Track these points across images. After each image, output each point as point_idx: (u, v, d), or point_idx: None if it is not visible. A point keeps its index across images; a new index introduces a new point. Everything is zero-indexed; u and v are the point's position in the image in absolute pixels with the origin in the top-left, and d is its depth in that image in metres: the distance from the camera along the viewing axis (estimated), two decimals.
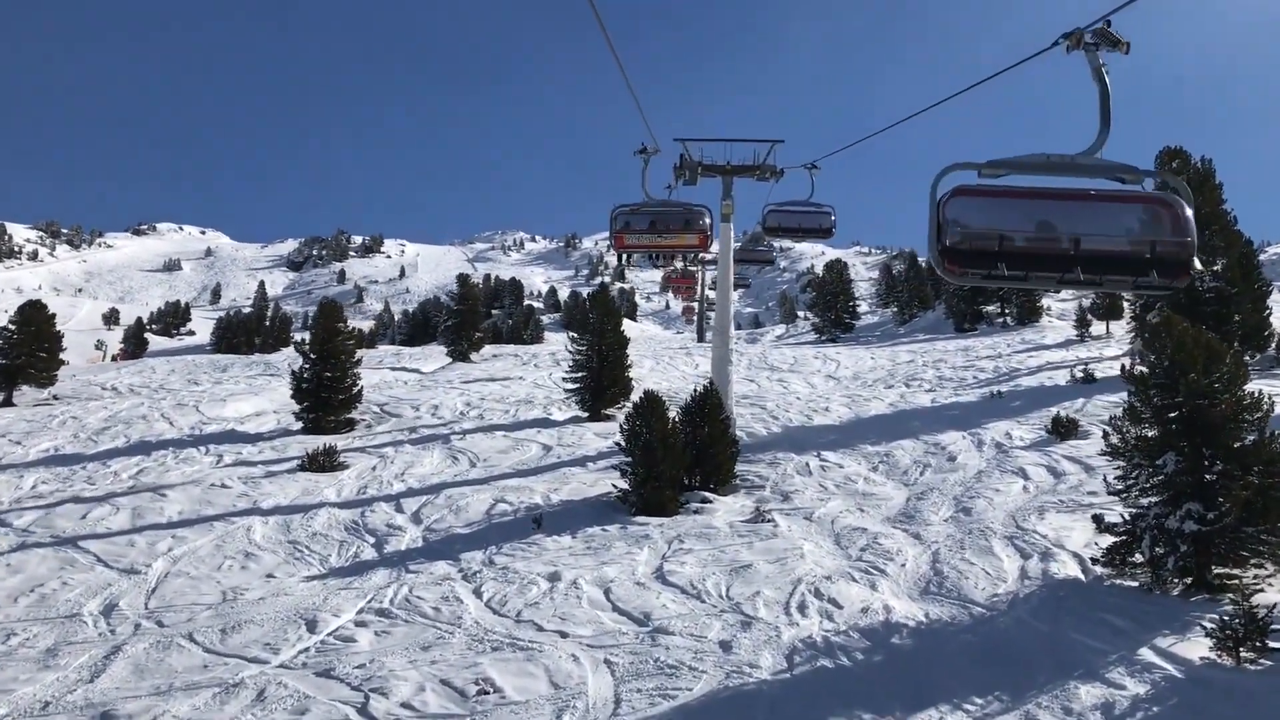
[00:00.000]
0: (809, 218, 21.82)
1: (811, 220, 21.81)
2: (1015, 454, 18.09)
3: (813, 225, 21.84)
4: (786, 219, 21.79)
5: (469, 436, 22.01)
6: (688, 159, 20.77)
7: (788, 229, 21.92)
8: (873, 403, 24.81)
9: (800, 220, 21.81)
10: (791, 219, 21.81)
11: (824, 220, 21.75)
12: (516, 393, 29.27)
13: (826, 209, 21.75)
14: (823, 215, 21.76)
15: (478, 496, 16.87)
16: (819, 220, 21.76)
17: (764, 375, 34.90)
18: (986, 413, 22.06)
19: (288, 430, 24.27)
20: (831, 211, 21.73)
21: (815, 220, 21.79)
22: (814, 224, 21.82)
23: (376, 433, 23.42)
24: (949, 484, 16.70)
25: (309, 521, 15.93)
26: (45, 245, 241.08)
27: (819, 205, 21.84)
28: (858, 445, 19.70)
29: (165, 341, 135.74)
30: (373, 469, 19.25)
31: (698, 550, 13.63)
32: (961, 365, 32.65)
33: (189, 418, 26.20)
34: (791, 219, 21.81)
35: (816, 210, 21.81)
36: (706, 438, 16.79)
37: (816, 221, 21.78)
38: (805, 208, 21.81)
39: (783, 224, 21.81)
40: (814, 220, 21.80)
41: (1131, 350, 29.95)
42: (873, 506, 15.83)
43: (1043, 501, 15.25)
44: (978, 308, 47.59)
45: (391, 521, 15.83)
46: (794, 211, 21.82)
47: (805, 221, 21.82)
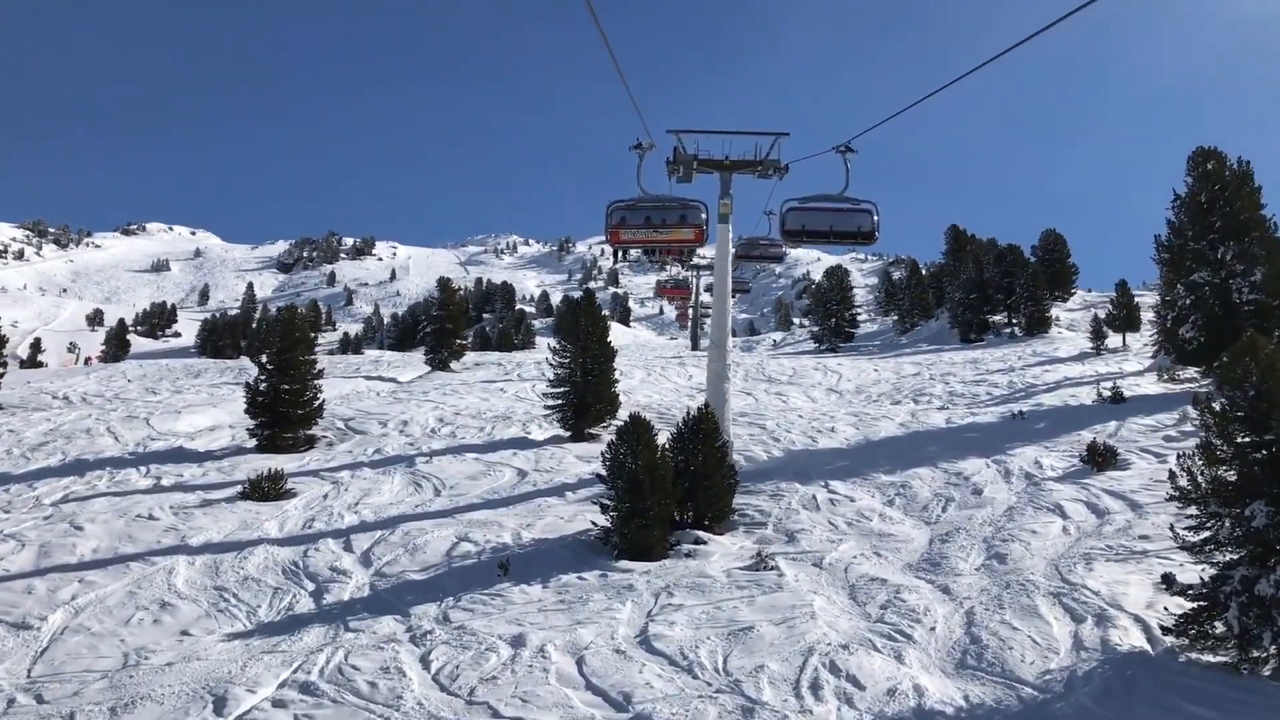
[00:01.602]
0: (844, 217, 17.00)
1: (847, 221, 16.99)
2: (1048, 486, 16.05)
3: (849, 228, 17.11)
4: (814, 219, 17.12)
5: (436, 459, 19.86)
6: (681, 153, 18.69)
7: (815, 232, 17.22)
8: (882, 422, 22.76)
9: (832, 221, 17.00)
10: (820, 219, 16.99)
11: (863, 221, 17.08)
12: (495, 406, 27.14)
13: (866, 206, 17.18)
14: (861, 214, 17.12)
15: (439, 533, 14.76)
16: (857, 221, 17.06)
17: (761, 388, 32.86)
18: (1009, 435, 20.03)
19: (241, 448, 22.14)
20: (873, 209, 17.14)
21: (852, 221, 17.05)
22: (850, 225, 17.09)
23: (336, 452, 21.28)
24: (976, 523, 14.66)
25: (242, 562, 13.84)
26: (32, 245, 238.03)
27: (856, 201, 17.25)
28: (869, 473, 17.64)
29: (150, 343, 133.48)
30: (323, 497, 17.13)
31: (690, 606, 11.57)
32: (972, 379, 30.66)
33: (137, 432, 24.04)
34: (820, 219, 16.99)
35: (854, 208, 17.21)
36: (701, 467, 14.72)
37: (854, 223, 17.06)
38: (838, 205, 17.23)
39: (808, 225, 17.15)
40: (850, 221, 17.02)
41: (1156, 365, 27.99)
42: (891, 550, 13.77)
43: (1088, 547, 13.21)
44: (984, 317, 45.65)
45: (337, 563, 13.73)
46: (824, 209, 17.14)
47: (839, 223, 17.01)
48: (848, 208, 17.34)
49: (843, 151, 17.56)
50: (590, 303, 22.96)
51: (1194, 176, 23.67)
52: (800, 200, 17.48)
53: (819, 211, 17.33)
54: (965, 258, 49.85)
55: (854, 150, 17.52)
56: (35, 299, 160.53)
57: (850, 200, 17.37)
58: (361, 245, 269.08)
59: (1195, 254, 23.05)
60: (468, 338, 43.81)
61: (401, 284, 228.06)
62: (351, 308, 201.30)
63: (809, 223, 17.21)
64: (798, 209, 17.42)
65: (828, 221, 17.17)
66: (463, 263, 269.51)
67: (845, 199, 17.41)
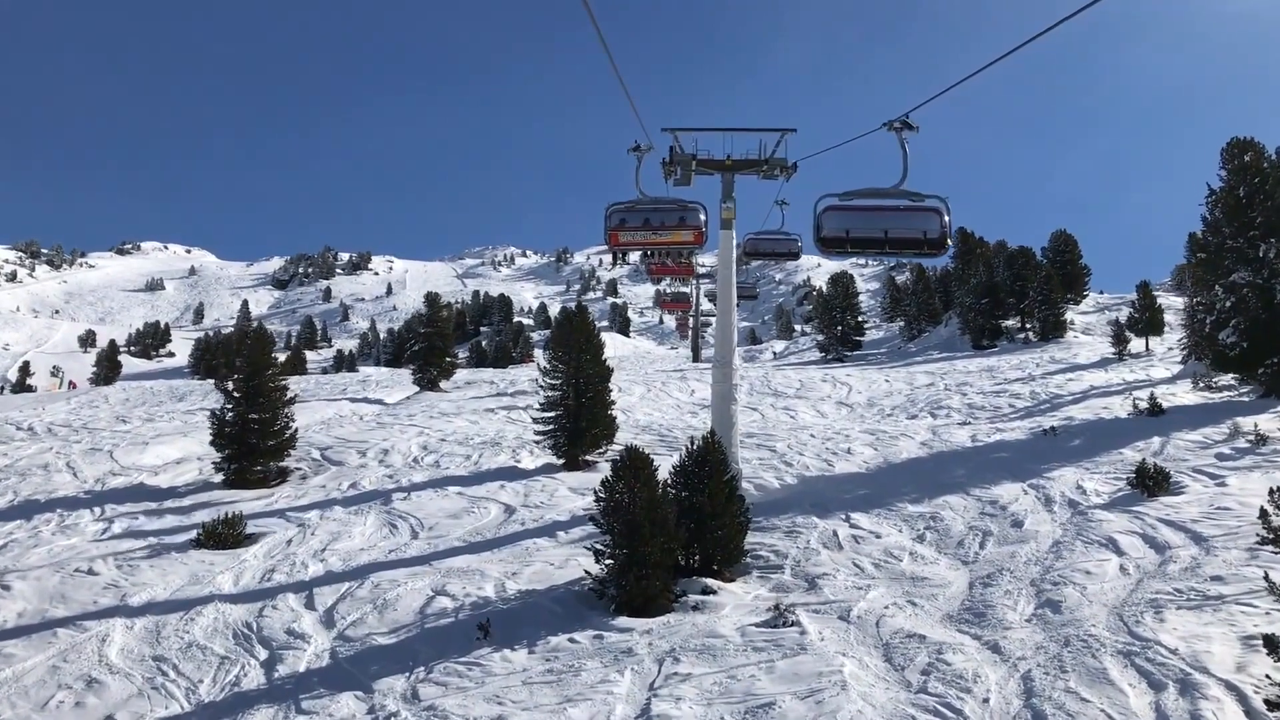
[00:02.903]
0: (903, 220, 12.83)
1: (908, 224, 12.79)
2: (1096, 516, 14.33)
3: (910, 233, 12.92)
4: (863, 223, 12.93)
5: (416, 495, 18.14)
6: (679, 152, 17.11)
7: (865, 240, 13.01)
8: (901, 441, 21.03)
9: (888, 224, 12.78)
10: (872, 223, 12.75)
11: (930, 224, 12.90)
12: (484, 430, 25.43)
13: (932, 203, 12.94)
14: (927, 215, 12.94)
15: (412, 585, 13.05)
16: (921, 224, 12.91)
17: (768, 402, 31.19)
18: (1042, 455, 18.32)
19: (207, 483, 20.45)
20: (942, 207, 12.97)
21: (914, 224, 12.88)
22: (911, 230, 12.92)
23: (308, 487, 19.55)
24: (1020, 561, 12.94)
25: (188, 625, 12.15)
26: (24, 266, 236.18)
27: (918, 197, 12.94)
28: (893, 503, 15.93)
29: (144, 364, 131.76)
30: (287, 543, 15.41)
31: (698, 675, 9.87)
32: (991, 390, 28.96)
33: (98, 467, 22.34)
34: (872, 223, 12.75)
35: (916, 206, 13.01)
36: (708, 505, 13.02)
37: (916, 226, 12.93)
38: (895, 202, 13.07)
39: (856, 231, 12.97)
40: (912, 224, 12.84)
41: (1188, 371, 26.31)
42: (926, 596, 12.06)
43: (1153, 592, 11.48)
44: (996, 322, 43.95)
45: (295, 625, 12.03)
46: (876, 209, 12.97)
47: (897, 226, 12.79)
48: (908, 206, 12.79)
49: (898, 129, 13.10)
50: (583, 317, 21.25)
51: (1229, 169, 22.03)
52: (842, 197, 12.83)
53: (870, 212, 12.78)
54: (974, 261, 48.15)
55: (914, 127, 13.04)
56: (27, 321, 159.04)
57: (910, 195, 12.87)
58: (358, 260, 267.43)
59: (1234, 252, 21.39)
60: (457, 356, 42.04)
61: (398, 298, 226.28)
62: (348, 323, 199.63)
63: (857, 227, 12.71)
64: (839, 209, 12.79)
65: (881, 225, 12.67)
66: (460, 275, 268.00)
67: (903, 194, 12.89)
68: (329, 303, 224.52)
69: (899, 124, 13.24)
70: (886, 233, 12.91)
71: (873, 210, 13.09)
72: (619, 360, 72.71)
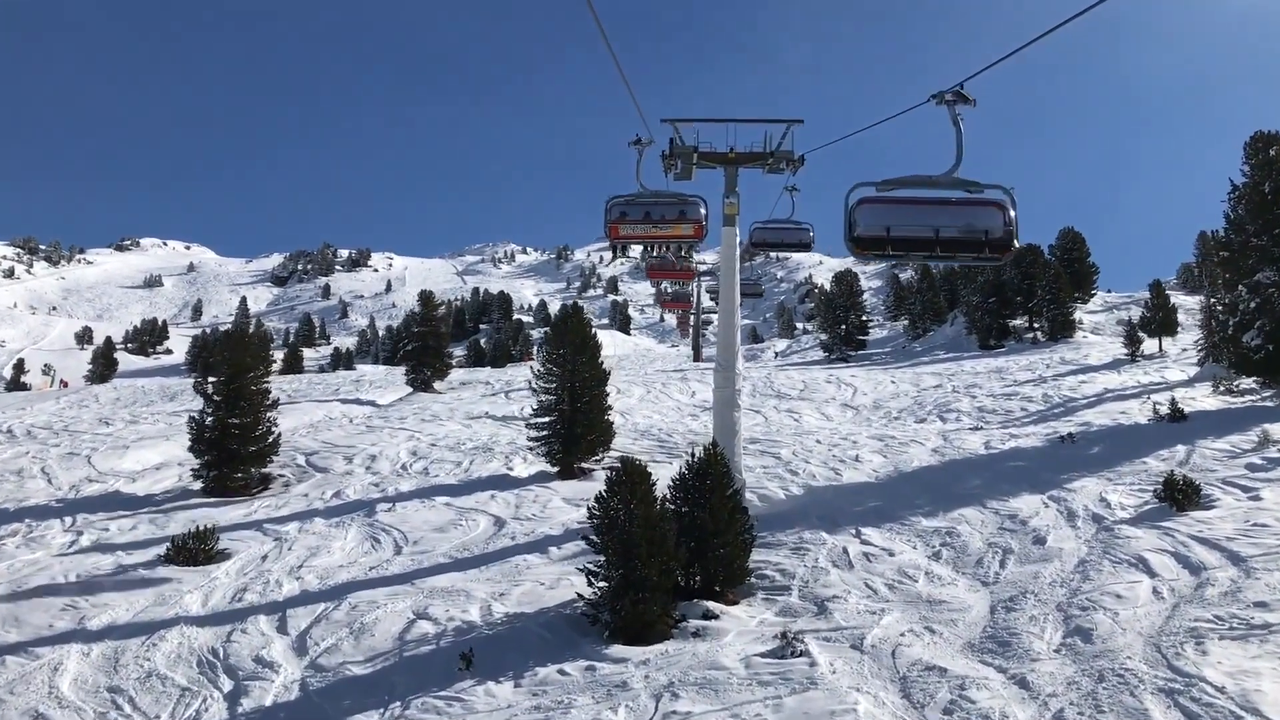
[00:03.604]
0: (958, 215, 10.40)
1: (965, 220, 10.40)
2: (1123, 533, 13.42)
3: (967, 232, 10.57)
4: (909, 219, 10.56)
5: (401, 505, 17.23)
6: (679, 145, 16.29)
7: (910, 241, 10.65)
8: (911, 448, 20.14)
9: (940, 220, 10.35)
10: (920, 219, 10.36)
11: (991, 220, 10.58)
12: (477, 435, 24.53)
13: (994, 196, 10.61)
14: (987, 210, 10.58)
15: (393, 606, 12.17)
16: (981, 220, 10.53)
17: (770, 404, 30.31)
18: (1060, 464, 17.43)
19: (186, 490, 19.60)
20: (1006, 201, 10.67)
21: (972, 220, 10.50)
22: (970, 228, 10.57)
23: (289, 496, 18.66)
24: (1044, 582, 12.05)
25: (149, 651, 11.28)
26: (22, 262, 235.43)
27: (975, 187, 10.55)
28: (906, 516, 15.04)
29: (141, 361, 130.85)
30: (262, 559, 14.53)
31: (699, 714, 9.00)
32: (1001, 392, 28.08)
33: (75, 472, 21.49)
34: (920, 219, 10.36)
35: (973, 200, 10.62)
36: (710, 521, 12.14)
37: (976, 223, 10.60)
38: (946, 194, 10.61)
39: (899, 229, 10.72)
40: (969, 220, 10.46)
41: (1207, 374, 25.43)
42: (945, 622, 11.17)
43: (1192, 619, 10.57)
44: (1003, 322, 43.06)
45: (264, 651, 11.15)
46: (924, 203, 10.59)
47: (951, 223, 10.35)
48: (963, 198, 10.33)
49: (950, 102, 10.50)
50: (578, 318, 20.34)
51: (1252, 165, 21.13)
52: (880, 186, 10.36)
53: (916, 206, 10.29)
54: None
55: (970, 100, 10.48)
56: (24, 317, 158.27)
57: (966, 185, 10.40)
58: (357, 257, 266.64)
59: (1259, 251, 20.48)
60: (453, 357, 41.15)
61: (397, 295, 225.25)
62: (346, 321, 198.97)
63: (900, 224, 10.24)
64: (877, 201, 10.32)
65: (930, 222, 10.27)
66: (460, 272, 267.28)
67: (957, 183, 10.42)
68: (328, 300, 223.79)
69: (951, 96, 10.61)
70: (938, 232, 10.32)
71: (920, 204, 10.53)
72: (619, 359, 71.84)
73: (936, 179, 10.59)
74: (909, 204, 10.66)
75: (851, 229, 10.60)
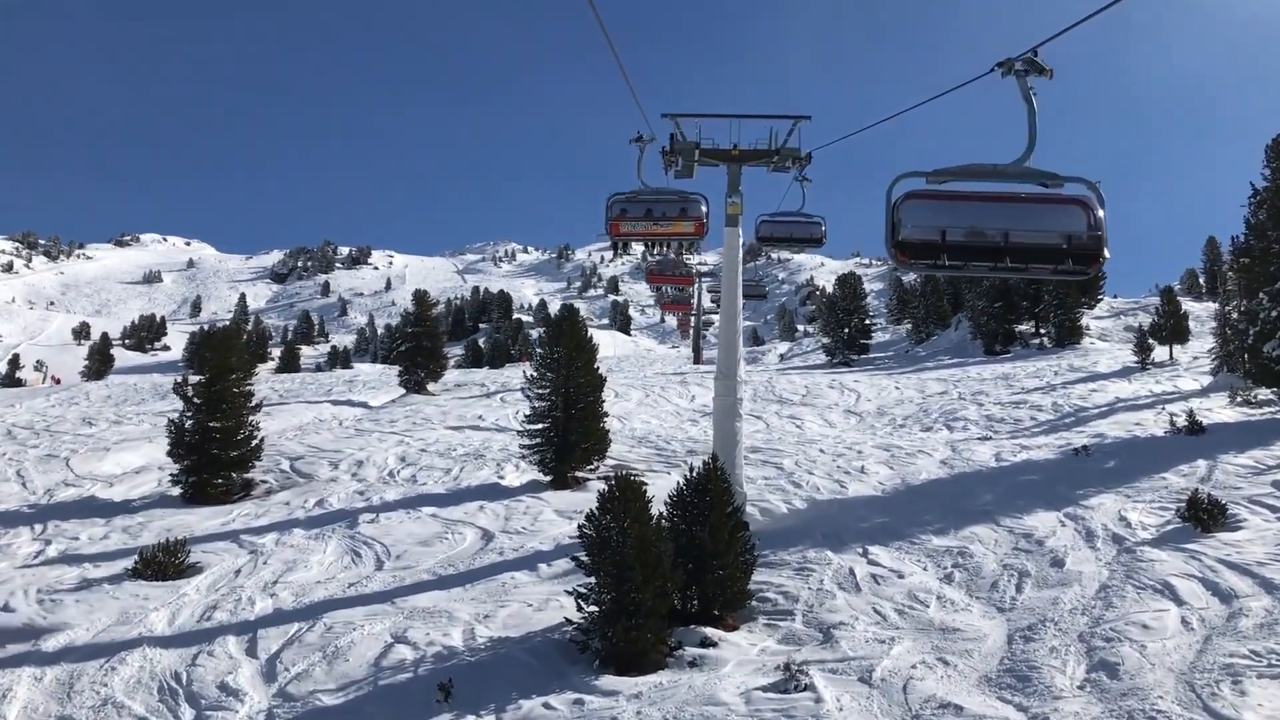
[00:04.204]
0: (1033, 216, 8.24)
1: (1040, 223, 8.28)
2: (1146, 555, 12.67)
3: (1044, 236, 8.54)
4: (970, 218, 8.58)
5: (385, 516, 16.47)
6: (680, 140, 15.63)
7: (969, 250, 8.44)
8: (919, 459, 19.38)
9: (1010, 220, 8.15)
10: (985, 217, 8.17)
11: (1073, 220, 8.67)
12: (469, 440, 23.76)
13: (1077, 193, 8.66)
14: (1068, 210, 8.63)
15: (370, 628, 11.43)
16: (1062, 222, 8.49)
17: (772, 409, 29.55)
18: (1076, 478, 16.68)
19: (165, 496, 18.85)
20: (1091, 198, 8.57)
21: (1051, 222, 8.42)
22: (1047, 232, 8.57)
23: (270, 504, 17.90)
24: (1064, 609, 11.30)
25: (108, 676, 10.54)
26: (21, 257, 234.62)
27: (1052, 179, 8.51)
28: (915, 534, 14.29)
29: (138, 357, 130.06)
30: (235, 573, 13.78)
31: None
32: (1009, 400, 27.33)
33: (52, 475, 20.75)
34: (985, 217, 8.17)
35: (1051, 197, 8.70)
36: (709, 541, 11.41)
37: (1056, 225, 8.65)
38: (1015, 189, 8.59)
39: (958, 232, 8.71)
40: (1046, 222, 8.35)
41: (1222, 384, 24.68)
42: (959, 653, 10.42)
43: (1226, 653, 9.83)
44: (1009, 327, 42.31)
45: (231, 677, 10.41)
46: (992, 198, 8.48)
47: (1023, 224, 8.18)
48: (1036, 194, 8.28)
49: (1021, 73, 8.46)
50: (574, 321, 19.58)
51: (1273, 168, 20.39)
52: (933, 178, 8.28)
53: (980, 203, 8.14)
54: None
55: (1046, 70, 8.40)
56: (22, 312, 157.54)
57: (1042, 177, 8.32)
58: (357, 254, 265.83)
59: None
60: (447, 357, 40.40)
61: (397, 293, 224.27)
62: (346, 318, 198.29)
63: (959, 226, 8.01)
64: (929, 197, 8.19)
65: (997, 223, 8.04)
66: (460, 271, 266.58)
67: (1029, 174, 8.34)
68: (327, 297, 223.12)
69: (1022, 65, 8.39)
70: (1006, 237, 8.04)
71: (983, 200, 8.30)
72: (618, 360, 71.04)
73: (1004, 169, 8.32)
74: (969, 200, 8.32)
75: (895, 231, 8.13)
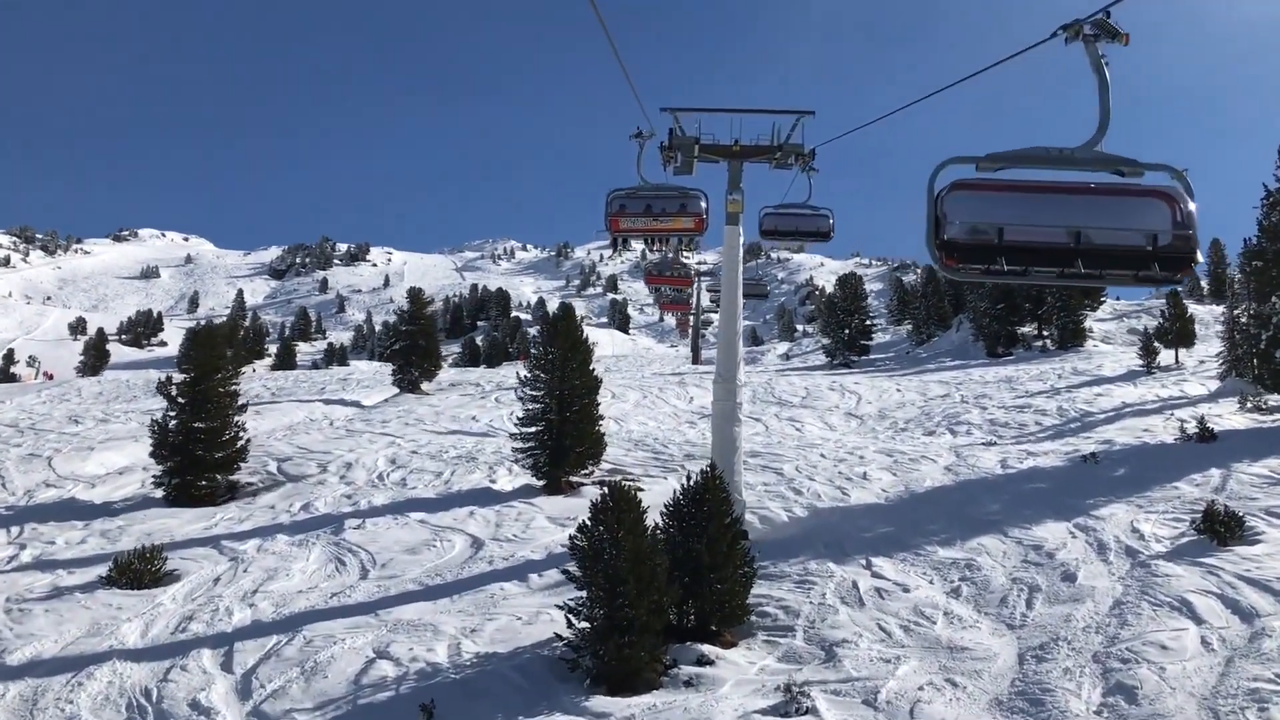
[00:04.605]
0: (1114, 211, 6.55)
1: (1122, 218, 6.56)
2: (1161, 570, 12.18)
3: (1127, 236, 6.79)
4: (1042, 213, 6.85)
5: (372, 522, 15.96)
6: (679, 135, 15.17)
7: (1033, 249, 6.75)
8: (923, 465, 18.89)
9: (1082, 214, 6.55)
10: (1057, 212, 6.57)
11: (1157, 216, 6.83)
12: (461, 442, 23.26)
13: (1159, 185, 6.86)
14: (1148, 203, 6.83)
15: (351, 642, 10.93)
16: (1145, 218, 6.72)
17: (771, 412, 29.08)
18: (1085, 487, 16.19)
19: (148, 498, 18.36)
20: (1178, 190, 6.81)
21: (1133, 218, 6.66)
22: (1131, 232, 6.81)
23: (255, 508, 17.40)
24: (1077, 627, 10.81)
25: (73, 692, 10.03)
26: (18, 251, 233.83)
27: (1128, 167, 6.94)
28: (920, 544, 13.80)
29: (134, 353, 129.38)
30: (214, 581, 13.28)
31: None
32: (1013, 404, 26.85)
33: (33, 475, 20.25)
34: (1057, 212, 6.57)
35: (1129, 188, 6.95)
36: (706, 554, 10.92)
37: (1138, 221, 6.83)
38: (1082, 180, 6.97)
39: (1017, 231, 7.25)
40: (1129, 217, 6.62)
41: (1230, 389, 24.21)
42: (968, 673, 9.93)
43: (1250, 676, 9.34)
44: (1011, 329, 41.82)
45: (204, 694, 9.91)
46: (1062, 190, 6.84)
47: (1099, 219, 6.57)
48: (1110, 185, 6.76)
49: (1091, 38, 7.09)
50: (569, 321, 19.06)
51: None
52: (984, 164, 6.84)
53: (1044, 195, 6.68)
54: None
55: (1121, 34, 7.08)
56: (18, 307, 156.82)
57: (1118, 164, 6.89)
58: (356, 251, 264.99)
59: None
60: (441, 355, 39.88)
61: (395, 290, 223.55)
62: (343, 315, 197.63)
63: (1019, 222, 6.57)
64: (980, 186, 6.72)
65: (1065, 219, 6.56)
66: (459, 269, 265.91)
67: (1101, 159, 6.90)
68: (325, 294, 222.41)
69: (1091, 29, 7.01)
70: (1079, 237, 6.46)
71: (1049, 191, 6.69)
72: (616, 359, 70.53)
73: (1072, 154, 6.82)
74: (1030, 191, 6.74)
75: (939, 228, 6.60)
